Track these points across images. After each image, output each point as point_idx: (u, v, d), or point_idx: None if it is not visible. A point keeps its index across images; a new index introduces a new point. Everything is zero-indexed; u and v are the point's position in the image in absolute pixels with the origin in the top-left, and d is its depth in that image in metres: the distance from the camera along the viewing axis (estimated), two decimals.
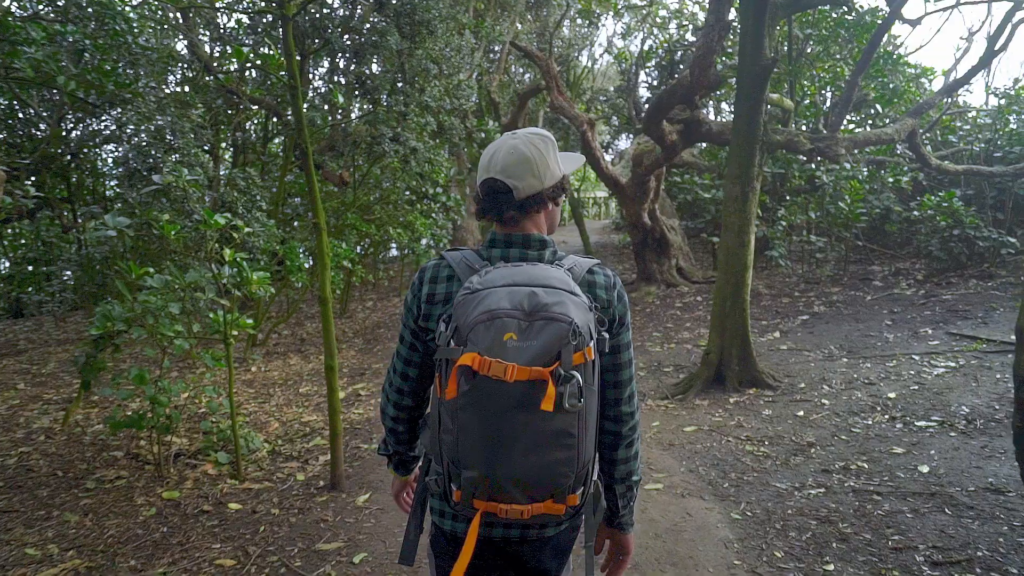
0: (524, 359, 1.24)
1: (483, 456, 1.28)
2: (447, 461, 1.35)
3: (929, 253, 9.11)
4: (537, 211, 1.54)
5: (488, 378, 1.24)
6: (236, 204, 5.79)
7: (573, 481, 1.33)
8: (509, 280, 1.34)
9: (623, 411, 1.56)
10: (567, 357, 1.26)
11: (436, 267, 1.55)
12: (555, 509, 1.34)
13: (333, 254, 8.41)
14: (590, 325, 1.33)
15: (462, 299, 1.33)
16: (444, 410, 1.32)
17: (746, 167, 5.87)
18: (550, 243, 1.55)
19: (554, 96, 10.04)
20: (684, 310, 9.53)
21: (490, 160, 1.51)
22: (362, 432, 5.48)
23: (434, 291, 1.51)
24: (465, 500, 1.34)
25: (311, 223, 4.01)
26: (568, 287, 1.35)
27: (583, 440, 1.32)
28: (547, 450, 1.28)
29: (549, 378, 1.24)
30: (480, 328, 1.26)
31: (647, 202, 10.20)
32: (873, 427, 4.82)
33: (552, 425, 1.27)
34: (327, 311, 4.18)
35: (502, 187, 1.49)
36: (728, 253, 6.08)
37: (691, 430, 5.13)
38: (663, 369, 6.98)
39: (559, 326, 1.26)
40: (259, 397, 6.82)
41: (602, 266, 1.56)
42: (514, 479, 1.29)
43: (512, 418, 1.26)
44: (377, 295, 13.89)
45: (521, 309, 1.28)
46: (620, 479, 1.59)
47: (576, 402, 1.26)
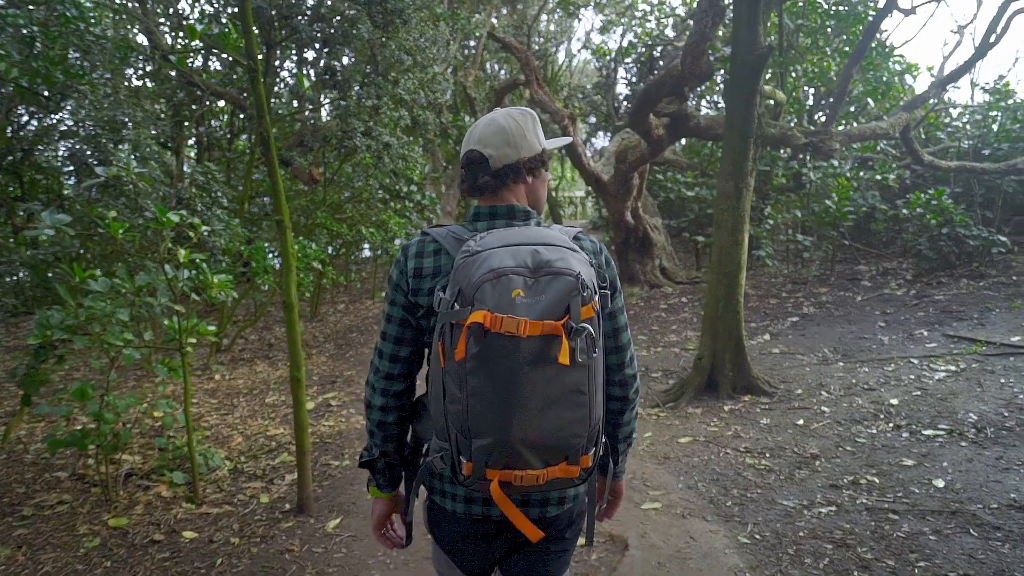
0: (534, 314, 1.23)
1: (496, 420, 1.25)
2: (455, 433, 1.31)
3: (918, 252, 8.97)
4: (515, 181, 1.53)
5: (499, 335, 1.21)
6: (194, 201, 5.40)
7: (586, 441, 1.33)
8: (508, 240, 1.33)
9: (627, 374, 1.59)
10: (576, 310, 1.25)
11: (420, 242, 1.53)
12: (570, 472, 1.33)
13: (302, 255, 8.04)
14: (593, 279, 1.33)
15: (462, 262, 1.31)
16: (450, 378, 1.28)
17: (740, 162, 5.62)
18: (534, 214, 1.55)
19: (534, 90, 9.74)
20: (669, 312, 9.29)
21: (471, 134, 1.54)
22: (333, 447, 5.12)
23: (421, 264, 1.49)
24: (477, 471, 1.29)
25: (275, 221, 3.65)
26: (567, 244, 1.36)
27: (594, 398, 1.32)
28: (560, 409, 1.28)
29: (562, 331, 1.23)
30: (487, 287, 1.24)
31: (630, 200, 9.95)
32: (878, 436, 4.58)
33: (566, 382, 1.27)
34: (292, 317, 3.83)
35: (478, 156, 1.50)
36: (721, 252, 5.82)
37: (686, 441, 4.86)
38: (651, 374, 6.71)
39: (566, 280, 1.26)
40: (222, 408, 6.42)
41: (585, 234, 1.55)
42: (528, 442, 1.27)
43: (526, 375, 1.24)
44: (349, 297, 13.49)
45: (526, 266, 1.27)
46: (623, 439, 1.66)
47: (588, 356, 1.27)
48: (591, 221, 25.02)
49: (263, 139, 3.59)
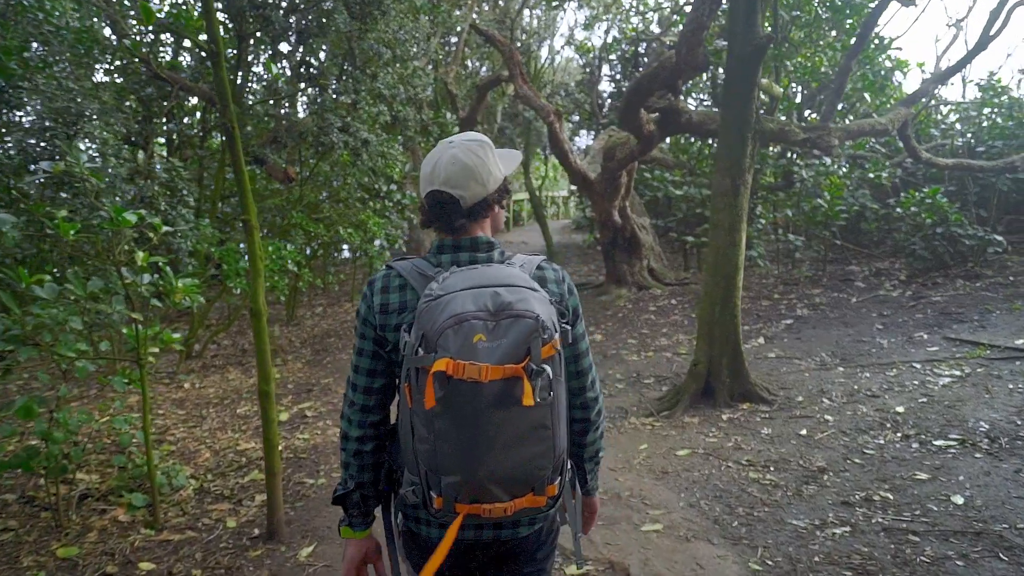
0: (495, 358, 1.27)
1: (463, 460, 1.30)
2: (424, 470, 1.35)
3: (913, 252, 8.82)
4: (485, 216, 1.57)
5: (462, 381, 1.25)
6: (158, 200, 5.07)
7: (551, 472, 1.38)
8: (469, 283, 1.35)
9: (588, 397, 1.64)
10: (536, 351, 1.29)
11: (386, 277, 1.56)
12: (537, 502, 1.38)
13: (277, 256, 7.71)
14: (553, 318, 1.36)
15: (425, 306, 1.34)
16: (418, 419, 1.33)
17: (737, 158, 5.38)
18: (496, 244, 1.59)
19: (518, 84, 9.47)
20: (659, 314, 9.06)
21: (432, 171, 1.53)
22: (307, 463, 4.82)
23: (387, 301, 1.52)
24: (447, 506, 1.34)
25: (241, 220, 3.36)
26: (527, 284, 1.39)
27: (557, 430, 1.36)
28: (525, 445, 1.32)
29: (523, 374, 1.27)
30: (449, 333, 1.27)
31: (618, 199, 9.70)
32: (887, 447, 4.36)
33: (528, 420, 1.31)
34: (260, 325, 3.53)
35: (448, 198, 1.51)
36: (717, 253, 5.59)
37: (684, 454, 4.61)
38: (643, 380, 6.47)
39: (526, 322, 1.30)
40: (190, 420, 6.08)
41: (548, 262, 1.61)
42: (495, 478, 1.31)
43: (489, 418, 1.28)
44: (327, 300, 13.14)
45: (487, 310, 1.30)
46: (589, 458, 1.72)
47: (547, 395, 1.30)
48: (574, 221, 24.79)
49: (227, 130, 3.30)
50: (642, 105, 7.11)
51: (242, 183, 3.38)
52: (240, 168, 3.36)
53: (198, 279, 7.23)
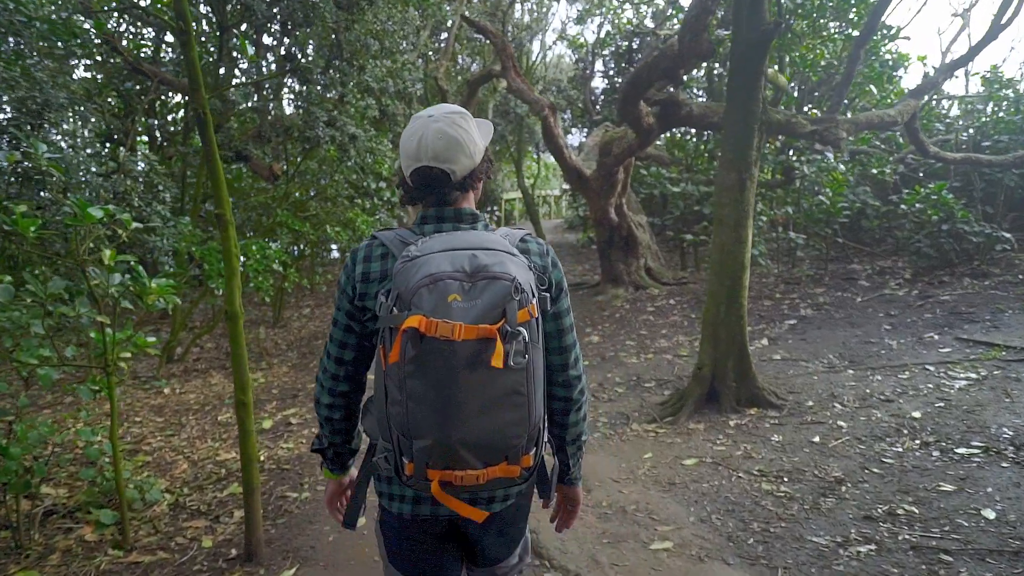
0: (470, 318, 1.27)
1: (435, 422, 1.29)
2: (397, 434, 1.35)
3: (918, 250, 8.62)
4: (474, 188, 1.59)
5: (435, 340, 1.25)
6: (130, 194, 4.79)
7: (526, 441, 1.36)
8: (447, 245, 1.36)
9: (571, 375, 1.62)
10: (512, 314, 1.29)
11: (368, 247, 1.56)
12: (510, 472, 1.37)
13: (261, 256, 7.44)
14: (531, 283, 1.36)
15: (401, 267, 1.34)
16: (390, 380, 1.32)
17: (743, 151, 5.16)
18: (480, 216, 1.58)
19: (511, 77, 9.21)
20: (657, 315, 8.83)
21: (418, 147, 1.51)
22: (291, 475, 4.55)
23: (368, 269, 1.52)
24: (419, 471, 1.33)
25: (215, 215, 3.10)
26: (506, 248, 1.39)
27: (533, 399, 1.35)
28: (499, 411, 1.31)
29: (496, 335, 1.27)
30: (423, 292, 1.28)
31: (614, 196, 9.47)
32: (906, 456, 4.14)
33: (502, 384, 1.30)
34: (236, 329, 3.27)
35: (439, 173, 1.51)
36: (722, 251, 5.36)
37: (691, 463, 4.38)
38: (643, 384, 6.23)
39: (502, 284, 1.30)
40: (168, 428, 5.81)
41: (533, 236, 1.59)
42: (467, 443, 1.31)
43: (462, 378, 1.27)
44: (315, 301, 12.87)
45: (463, 271, 1.31)
46: (571, 441, 1.69)
47: (521, 359, 1.30)
48: (567, 220, 24.57)
49: (199, 117, 3.03)
50: (641, 97, 6.87)
51: (215, 174, 3.12)
52: (213, 158, 3.10)
53: (178, 280, 6.98)
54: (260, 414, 6.09)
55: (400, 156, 1.57)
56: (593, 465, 4.44)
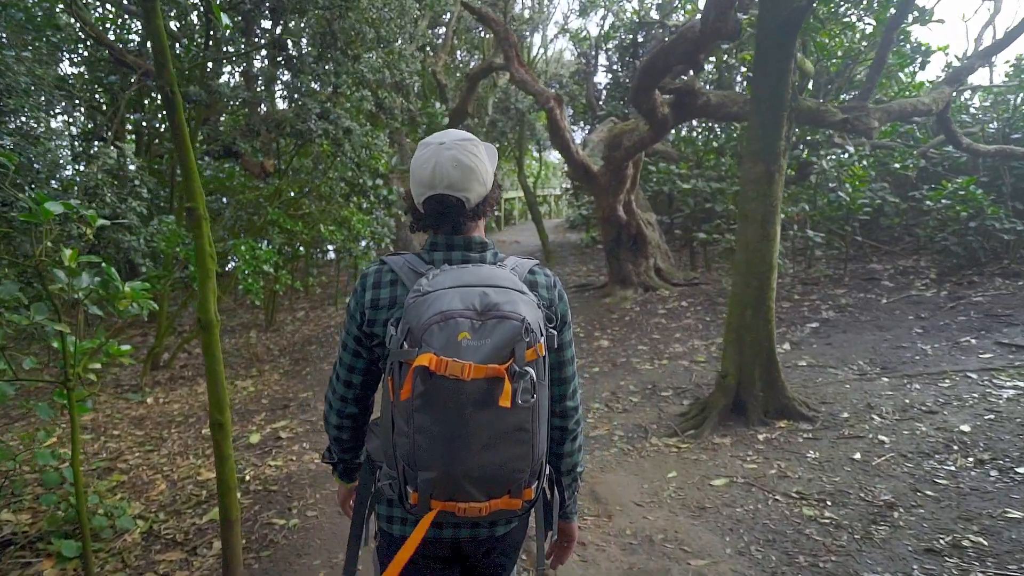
0: (479, 357, 1.28)
1: (440, 456, 1.31)
2: (402, 464, 1.36)
3: (944, 248, 8.24)
4: (485, 215, 1.60)
5: (444, 378, 1.26)
6: (102, 190, 4.41)
7: (528, 475, 1.38)
8: (459, 281, 1.37)
9: (568, 406, 1.66)
10: (520, 354, 1.30)
11: (378, 272, 1.57)
12: (512, 504, 1.39)
13: (251, 257, 7.07)
14: (540, 322, 1.38)
15: (413, 301, 1.35)
16: (398, 413, 1.34)
17: (771, 141, 4.78)
18: (490, 244, 1.60)
19: (514, 68, 8.83)
20: (670, 318, 8.45)
21: (433, 175, 1.51)
22: (278, 499, 4.17)
23: (378, 296, 1.53)
24: (423, 501, 1.35)
25: (185, 209, 2.71)
26: (516, 286, 1.41)
27: (537, 435, 1.37)
28: (504, 446, 1.33)
29: (505, 375, 1.29)
30: (434, 329, 1.29)
31: (623, 192, 9.08)
32: (961, 476, 3.77)
33: (509, 421, 1.32)
34: (211, 339, 2.89)
35: (454, 201, 1.52)
36: (748, 250, 4.99)
37: (721, 484, 4.00)
38: (660, 393, 5.85)
39: (511, 324, 1.31)
40: (148, 442, 5.43)
41: (541, 266, 1.62)
42: (472, 477, 1.32)
43: (469, 416, 1.29)
44: (309, 304, 12.47)
45: (473, 309, 1.32)
46: (567, 472, 1.71)
47: (529, 397, 1.32)
48: (568, 220, 24.16)
49: (166, 95, 2.65)
50: (657, 85, 6.48)
51: (186, 163, 2.73)
52: (184, 145, 2.72)
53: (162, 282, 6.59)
54: (247, 427, 5.71)
55: (411, 184, 1.57)
56: (613, 486, 4.06)
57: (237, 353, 8.89)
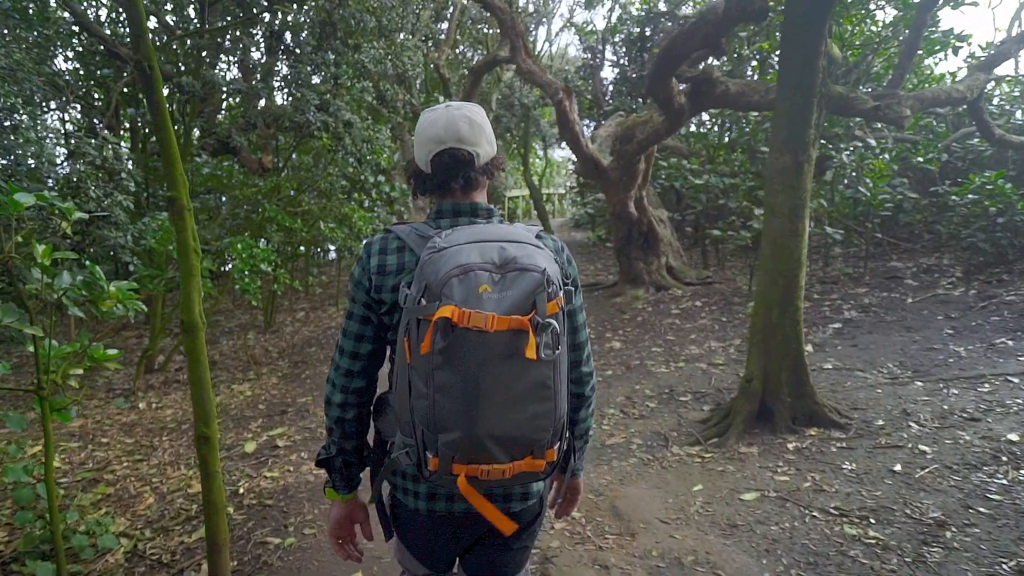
0: (502, 309, 1.26)
1: (463, 415, 1.28)
2: (421, 429, 1.33)
3: (972, 245, 7.94)
4: (490, 177, 1.60)
5: (467, 330, 1.24)
6: (86, 183, 4.15)
7: (551, 435, 1.36)
8: (474, 237, 1.36)
9: (583, 372, 1.67)
10: (542, 305, 1.29)
11: (383, 239, 1.56)
12: (535, 466, 1.37)
13: (247, 255, 6.81)
14: (558, 275, 1.37)
15: (429, 258, 1.34)
16: (416, 374, 1.31)
17: (800, 129, 4.50)
18: (495, 211, 1.59)
19: (521, 58, 8.56)
20: (684, 318, 8.18)
21: (444, 129, 1.52)
22: (274, 514, 3.90)
23: (384, 262, 1.52)
24: (443, 466, 1.32)
25: (166, 199, 2.43)
26: (532, 241, 1.41)
27: (559, 392, 1.35)
28: (527, 403, 1.31)
29: (529, 326, 1.27)
30: (454, 282, 1.27)
31: (634, 188, 8.80)
32: (1015, 490, 3.49)
33: (531, 377, 1.30)
34: (195, 344, 2.62)
35: (465, 155, 1.53)
36: (775, 245, 4.70)
37: (752, 498, 3.72)
38: (678, 398, 5.58)
39: (532, 276, 1.30)
40: (138, 451, 5.17)
41: (546, 233, 1.59)
42: (495, 436, 1.30)
43: (493, 370, 1.27)
44: (309, 304, 12.21)
45: (492, 263, 1.30)
46: (579, 436, 1.73)
47: (552, 352, 1.30)
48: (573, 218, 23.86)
49: (143, 72, 2.38)
50: (675, 72, 6.18)
51: (167, 146, 2.47)
52: (164, 125, 2.45)
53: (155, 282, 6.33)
54: (243, 434, 5.45)
55: (416, 144, 1.56)
56: (635, 501, 3.79)
57: (234, 356, 8.63)
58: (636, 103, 15.50)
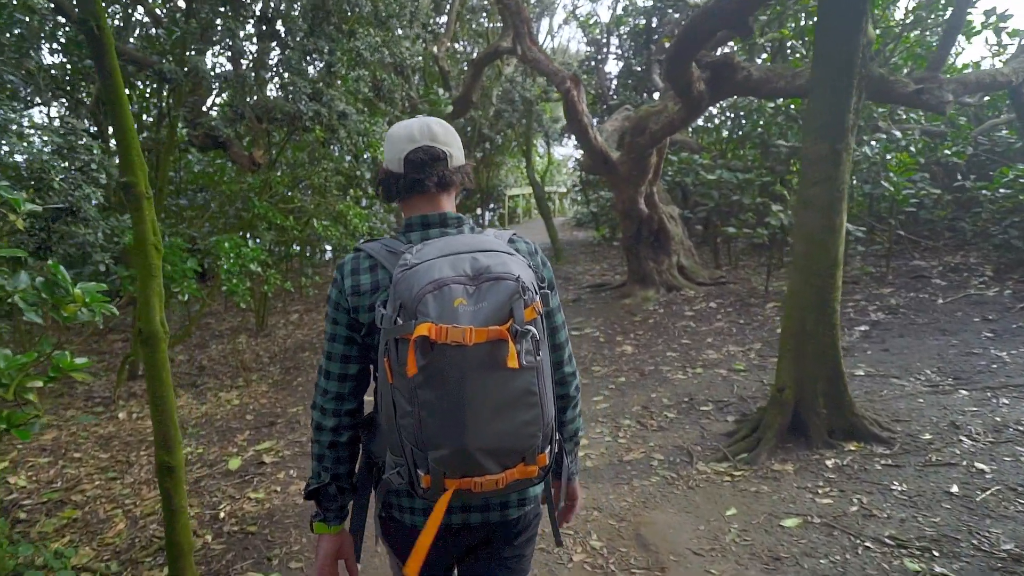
0: (478, 321, 1.26)
1: (450, 430, 1.27)
2: (409, 447, 1.32)
3: (1004, 242, 7.57)
4: (458, 184, 1.60)
5: (446, 346, 1.24)
6: (49, 174, 3.77)
7: (541, 440, 1.35)
8: (445, 250, 1.36)
9: (566, 372, 1.67)
10: (519, 313, 1.29)
11: (355, 259, 1.55)
12: (528, 472, 1.36)
13: (235, 255, 6.44)
14: (532, 281, 1.37)
15: (401, 276, 1.33)
16: (399, 393, 1.30)
17: (838, 114, 4.13)
18: (466, 220, 1.59)
19: (527, 46, 8.18)
20: (699, 320, 7.80)
21: (418, 131, 1.54)
22: (257, 544, 3.51)
23: (358, 282, 1.51)
24: (436, 483, 1.31)
25: (120, 184, 2.05)
26: (504, 248, 1.40)
27: (545, 397, 1.35)
28: (514, 412, 1.30)
29: (508, 335, 1.26)
30: (429, 299, 1.26)
31: (644, 183, 8.42)
32: None
33: (515, 385, 1.29)
34: (156, 358, 2.25)
35: (440, 153, 1.53)
36: (809, 242, 4.33)
37: (794, 525, 3.34)
38: (699, 408, 5.20)
39: (506, 284, 1.30)
40: (113, 467, 4.80)
41: (519, 236, 1.60)
42: (485, 448, 1.29)
43: (476, 382, 1.26)
44: (304, 306, 11.84)
45: (465, 274, 1.30)
46: (569, 437, 1.72)
47: (534, 357, 1.30)
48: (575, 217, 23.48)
49: (89, 33, 2.01)
50: (695, 56, 5.79)
51: (121, 121, 2.09)
52: (117, 97, 2.08)
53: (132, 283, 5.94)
54: (228, 448, 5.08)
55: (388, 147, 1.57)
56: (662, 528, 3.41)
57: (223, 361, 8.26)
58: (641, 98, 15.13)
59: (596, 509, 3.70)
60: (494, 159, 20.72)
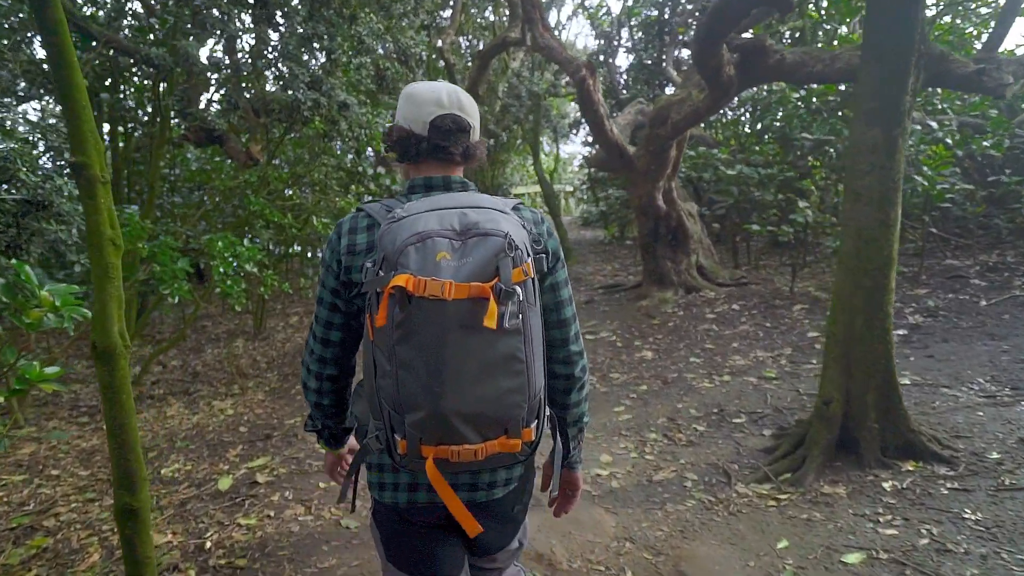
0: (461, 276, 1.22)
1: (428, 392, 1.23)
2: (388, 410, 1.29)
3: None
4: (478, 159, 1.57)
5: (424, 300, 1.20)
6: (15, 163, 3.41)
7: (526, 412, 1.31)
8: (435, 205, 1.32)
9: (572, 351, 1.59)
10: (506, 272, 1.24)
11: (354, 219, 1.52)
12: (510, 446, 1.31)
13: (231, 255, 6.07)
14: (525, 241, 1.32)
15: (387, 228, 1.29)
16: (378, 350, 1.27)
17: (894, 96, 3.74)
18: (471, 185, 1.55)
19: (539, 33, 7.80)
20: (721, 323, 7.41)
21: (447, 97, 1.50)
22: None
23: (354, 241, 1.47)
24: (412, 449, 1.28)
25: (69, 165, 1.66)
26: (497, 206, 1.36)
27: (532, 366, 1.30)
28: (496, 378, 1.26)
29: (490, 293, 1.22)
30: (410, 250, 1.23)
31: (663, 178, 8.03)
32: None
33: (499, 349, 1.25)
34: (114, 378, 1.88)
35: (467, 124, 1.51)
36: (859, 238, 3.94)
37: (857, 561, 2.95)
38: (730, 420, 4.82)
39: (494, 240, 1.26)
40: (92, 487, 4.44)
41: (525, 204, 1.54)
42: (463, 413, 1.25)
43: (454, 342, 1.22)
44: (304, 308, 11.48)
45: (452, 228, 1.27)
46: (573, 422, 1.65)
47: (517, 320, 1.25)
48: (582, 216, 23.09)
49: None
50: (727, 36, 5.38)
51: (69, 90, 1.72)
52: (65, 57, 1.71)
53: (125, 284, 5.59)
54: (218, 465, 4.71)
55: (410, 106, 1.50)
56: (705, 563, 3.02)
57: (218, 367, 7.90)
58: (654, 92, 14.76)
59: (628, 540, 3.32)
60: (499, 157, 20.36)
